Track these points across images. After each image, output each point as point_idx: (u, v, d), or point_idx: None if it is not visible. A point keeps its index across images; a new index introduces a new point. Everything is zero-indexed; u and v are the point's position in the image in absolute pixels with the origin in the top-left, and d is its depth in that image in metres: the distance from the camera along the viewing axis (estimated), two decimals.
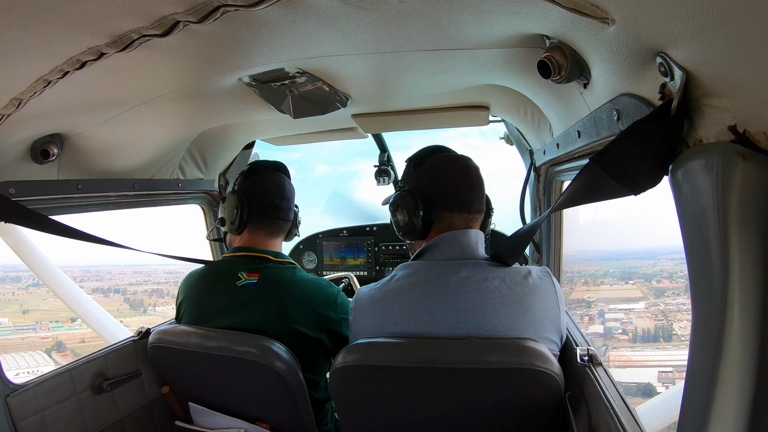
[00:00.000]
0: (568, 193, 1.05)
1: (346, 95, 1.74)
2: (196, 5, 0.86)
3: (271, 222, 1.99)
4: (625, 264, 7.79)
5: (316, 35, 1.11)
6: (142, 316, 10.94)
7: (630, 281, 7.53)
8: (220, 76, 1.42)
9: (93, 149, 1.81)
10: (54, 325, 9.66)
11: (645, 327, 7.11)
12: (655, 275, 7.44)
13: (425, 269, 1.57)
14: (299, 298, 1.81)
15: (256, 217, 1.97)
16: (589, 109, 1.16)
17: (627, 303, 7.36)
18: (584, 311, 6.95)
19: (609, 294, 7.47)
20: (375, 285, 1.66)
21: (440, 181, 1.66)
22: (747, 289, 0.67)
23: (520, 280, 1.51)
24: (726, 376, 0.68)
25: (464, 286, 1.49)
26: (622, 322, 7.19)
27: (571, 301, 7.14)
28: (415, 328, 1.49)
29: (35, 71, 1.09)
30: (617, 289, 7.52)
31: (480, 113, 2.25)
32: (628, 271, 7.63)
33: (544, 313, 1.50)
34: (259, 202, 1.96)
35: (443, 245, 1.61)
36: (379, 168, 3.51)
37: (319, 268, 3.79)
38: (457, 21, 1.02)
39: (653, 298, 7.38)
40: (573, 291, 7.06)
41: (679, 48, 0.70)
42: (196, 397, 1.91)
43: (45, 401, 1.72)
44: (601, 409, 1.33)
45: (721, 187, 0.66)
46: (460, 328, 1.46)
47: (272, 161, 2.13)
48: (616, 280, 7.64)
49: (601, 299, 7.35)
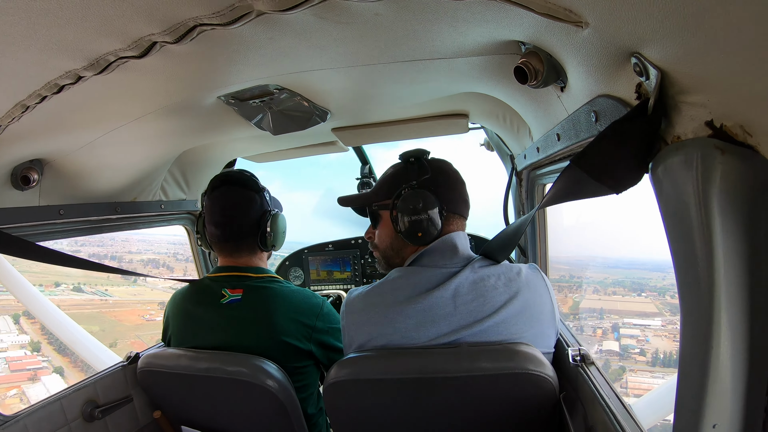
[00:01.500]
0: (551, 193, 1.06)
1: (325, 109, 1.74)
2: (173, 26, 0.86)
3: (235, 241, 1.91)
4: (634, 274, 7.38)
5: (294, 51, 1.11)
6: (131, 286, 10.99)
7: (642, 293, 7.06)
8: (199, 95, 1.41)
9: (74, 174, 1.79)
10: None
11: (665, 349, 6.51)
12: (667, 290, 6.90)
13: (426, 276, 1.54)
14: (285, 309, 1.78)
15: (218, 239, 1.91)
16: (567, 112, 1.18)
17: (642, 318, 6.84)
18: (596, 322, 6.69)
19: (622, 306, 7.02)
20: (367, 288, 1.61)
21: (454, 184, 1.69)
22: (732, 280, 0.68)
23: (513, 276, 1.52)
24: (717, 366, 0.69)
25: (465, 290, 1.49)
26: (638, 340, 6.64)
27: (583, 309, 6.83)
28: (417, 337, 1.46)
29: (13, 97, 1.08)
30: (629, 301, 7.04)
31: (459, 121, 2.26)
32: (638, 282, 7.20)
33: (541, 307, 1.52)
34: (211, 228, 1.91)
35: (442, 249, 1.60)
36: (361, 180, 3.52)
37: (306, 284, 3.77)
38: (432, 31, 1.03)
39: (669, 315, 6.78)
40: (583, 299, 6.90)
41: (653, 48, 0.71)
42: (189, 420, 1.88)
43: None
44: (596, 408, 1.33)
45: (701, 181, 0.67)
46: (462, 330, 1.45)
47: (228, 173, 2.00)
48: (628, 290, 7.19)
49: (614, 311, 6.94)
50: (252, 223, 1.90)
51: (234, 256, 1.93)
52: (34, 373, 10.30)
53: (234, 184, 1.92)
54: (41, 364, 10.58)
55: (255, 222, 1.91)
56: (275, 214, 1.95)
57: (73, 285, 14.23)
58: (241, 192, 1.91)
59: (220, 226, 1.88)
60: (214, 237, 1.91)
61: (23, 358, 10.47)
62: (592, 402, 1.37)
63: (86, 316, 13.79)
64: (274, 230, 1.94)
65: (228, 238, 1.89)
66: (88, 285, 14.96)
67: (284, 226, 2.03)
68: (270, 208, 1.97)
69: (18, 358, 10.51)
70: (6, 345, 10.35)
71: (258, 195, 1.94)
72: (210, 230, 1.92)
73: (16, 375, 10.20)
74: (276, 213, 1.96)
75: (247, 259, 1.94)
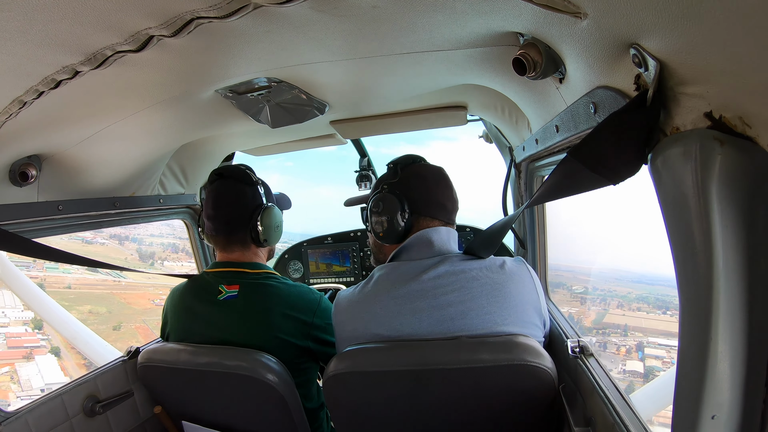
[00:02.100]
0: (546, 186, 1.06)
1: (323, 102, 1.74)
2: (170, 19, 0.85)
3: (226, 234, 1.90)
4: (658, 290, 7.12)
5: (291, 44, 1.11)
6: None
7: (668, 311, 6.75)
8: (197, 89, 1.41)
9: (72, 169, 1.79)
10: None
11: None
12: None
13: (402, 269, 1.59)
14: (281, 306, 1.78)
15: (212, 231, 1.91)
16: (565, 103, 1.17)
17: (667, 338, 6.53)
18: (620, 339, 6.51)
19: (647, 323, 6.80)
20: (353, 288, 1.67)
21: (427, 188, 1.70)
22: (731, 270, 0.68)
23: (496, 269, 1.54)
24: (715, 357, 0.70)
25: (443, 279, 1.51)
26: (663, 362, 6.35)
27: (607, 324, 6.71)
28: (399, 327, 1.50)
29: (10, 93, 1.07)
30: (654, 318, 6.79)
31: (458, 113, 2.26)
32: (662, 300, 6.92)
33: (524, 298, 1.52)
34: (205, 220, 1.92)
35: (418, 244, 1.64)
36: (360, 173, 3.52)
37: (305, 277, 3.77)
38: (430, 23, 1.03)
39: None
40: (607, 313, 6.78)
41: (652, 38, 0.71)
42: (189, 415, 1.88)
43: (38, 428, 1.69)
44: (595, 399, 1.34)
45: (700, 172, 0.67)
46: (444, 321, 1.47)
47: (220, 168, 1.96)
48: (652, 307, 6.98)
49: (638, 328, 6.73)
50: (243, 216, 1.88)
51: (227, 250, 1.92)
52: (29, 351, 10.24)
53: (227, 177, 1.90)
54: (39, 343, 10.53)
55: (246, 216, 1.88)
56: (268, 208, 1.91)
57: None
58: (233, 185, 1.89)
59: (212, 219, 1.88)
60: (209, 230, 1.91)
61: (23, 335, 10.41)
62: (591, 393, 1.38)
63: (96, 297, 13.74)
64: (265, 224, 1.88)
65: (219, 231, 1.89)
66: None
67: (278, 220, 1.97)
68: (263, 202, 1.93)
69: (18, 334, 10.46)
70: (8, 320, 10.31)
71: (250, 188, 1.91)
72: (205, 223, 1.93)
73: (12, 352, 10.13)
74: (269, 207, 1.92)
75: (240, 254, 1.92)
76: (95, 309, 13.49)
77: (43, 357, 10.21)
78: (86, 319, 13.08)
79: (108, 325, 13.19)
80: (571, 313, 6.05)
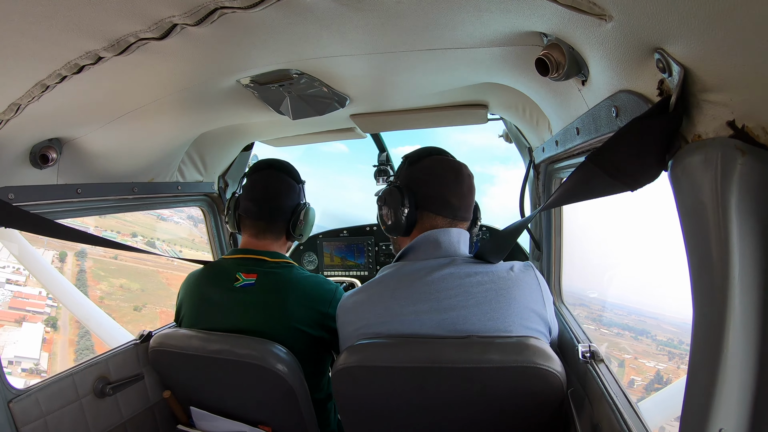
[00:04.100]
0: (563, 190, 1.05)
1: (344, 96, 1.74)
2: (193, 8, 0.86)
3: (262, 223, 1.97)
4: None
5: (314, 36, 1.11)
6: (207, 252, 11.70)
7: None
8: (219, 78, 1.42)
9: (92, 153, 1.81)
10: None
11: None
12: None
13: (407, 269, 1.59)
14: (298, 296, 1.80)
15: (247, 218, 1.98)
16: (587, 106, 1.16)
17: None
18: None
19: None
20: (358, 288, 1.68)
21: (431, 182, 1.69)
22: (747, 283, 0.67)
23: (503, 274, 1.53)
24: (727, 369, 0.69)
25: (447, 282, 1.51)
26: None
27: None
28: (400, 327, 1.50)
29: (33, 76, 1.09)
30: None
31: (478, 111, 2.25)
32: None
33: (529, 305, 1.51)
34: (248, 203, 1.97)
35: (425, 245, 1.63)
36: (378, 168, 3.53)
37: (319, 269, 3.79)
38: (454, 20, 1.02)
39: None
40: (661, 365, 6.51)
41: (677, 44, 0.70)
42: (198, 401, 1.91)
43: (48, 406, 1.72)
44: (603, 406, 1.33)
45: (721, 182, 0.66)
46: (446, 324, 1.46)
47: (270, 159, 2.10)
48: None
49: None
50: (288, 208, 2.00)
51: (259, 236, 1.98)
52: (24, 315, 10.27)
53: (280, 169, 2.03)
54: (43, 309, 10.56)
55: (290, 209, 2.01)
56: (309, 207, 2.07)
57: (149, 240, 14.16)
58: (285, 178, 2.02)
59: (259, 202, 1.96)
60: (249, 212, 1.97)
61: (32, 297, 10.41)
62: (599, 399, 1.37)
63: (137, 272, 13.83)
64: (306, 220, 2.04)
65: (262, 216, 1.96)
66: (166, 243, 14.98)
67: (314, 219, 2.13)
68: (305, 200, 2.09)
69: (28, 295, 10.46)
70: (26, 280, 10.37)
71: (298, 185, 2.06)
72: (245, 206, 1.98)
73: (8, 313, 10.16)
74: (309, 206, 2.08)
75: (269, 242, 1.99)
76: (128, 284, 13.58)
77: (32, 325, 10.18)
78: (113, 293, 13.22)
79: (131, 303, 13.26)
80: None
